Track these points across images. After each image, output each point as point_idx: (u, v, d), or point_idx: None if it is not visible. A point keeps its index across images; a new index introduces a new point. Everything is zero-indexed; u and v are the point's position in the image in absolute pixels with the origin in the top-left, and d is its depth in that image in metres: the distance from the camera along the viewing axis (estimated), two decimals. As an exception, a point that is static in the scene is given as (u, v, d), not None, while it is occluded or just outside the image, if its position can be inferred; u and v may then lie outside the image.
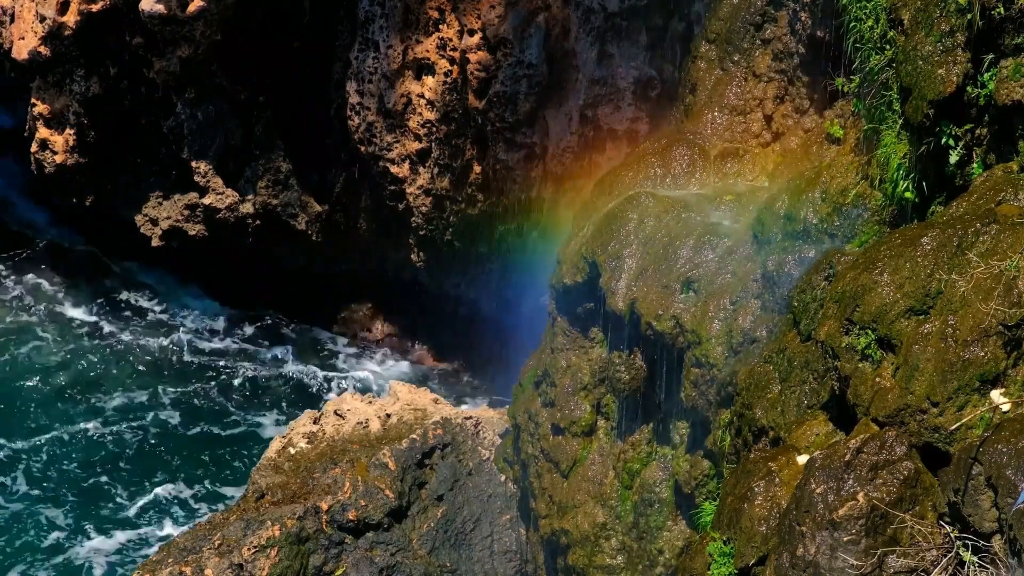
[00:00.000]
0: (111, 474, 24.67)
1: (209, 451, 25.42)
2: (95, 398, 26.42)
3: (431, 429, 20.04)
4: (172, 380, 27.11)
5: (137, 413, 26.22)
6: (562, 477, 18.28)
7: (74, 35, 25.25)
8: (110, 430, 25.70)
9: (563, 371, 18.22)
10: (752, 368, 14.18)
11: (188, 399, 26.71)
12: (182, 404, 26.58)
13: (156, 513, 23.86)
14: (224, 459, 25.20)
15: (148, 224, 27.16)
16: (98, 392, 26.60)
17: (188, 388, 26.99)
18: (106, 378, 26.95)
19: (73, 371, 27.07)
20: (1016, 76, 12.27)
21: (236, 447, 25.57)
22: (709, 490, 15.79)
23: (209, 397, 26.81)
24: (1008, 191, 12.06)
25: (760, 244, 15.92)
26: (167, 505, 24.11)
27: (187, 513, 23.87)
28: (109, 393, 26.62)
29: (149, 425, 25.95)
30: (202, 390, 26.98)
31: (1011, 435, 10.23)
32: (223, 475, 24.76)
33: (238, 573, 18.04)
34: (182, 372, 27.39)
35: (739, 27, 18.25)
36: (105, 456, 25.01)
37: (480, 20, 23.02)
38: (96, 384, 26.79)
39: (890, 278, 11.96)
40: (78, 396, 26.39)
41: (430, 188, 24.92)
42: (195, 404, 26.59)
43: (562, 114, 23.41)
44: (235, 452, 25.40)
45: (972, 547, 10.32)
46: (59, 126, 26.31)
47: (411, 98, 24.39)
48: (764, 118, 18.04)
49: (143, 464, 24.94)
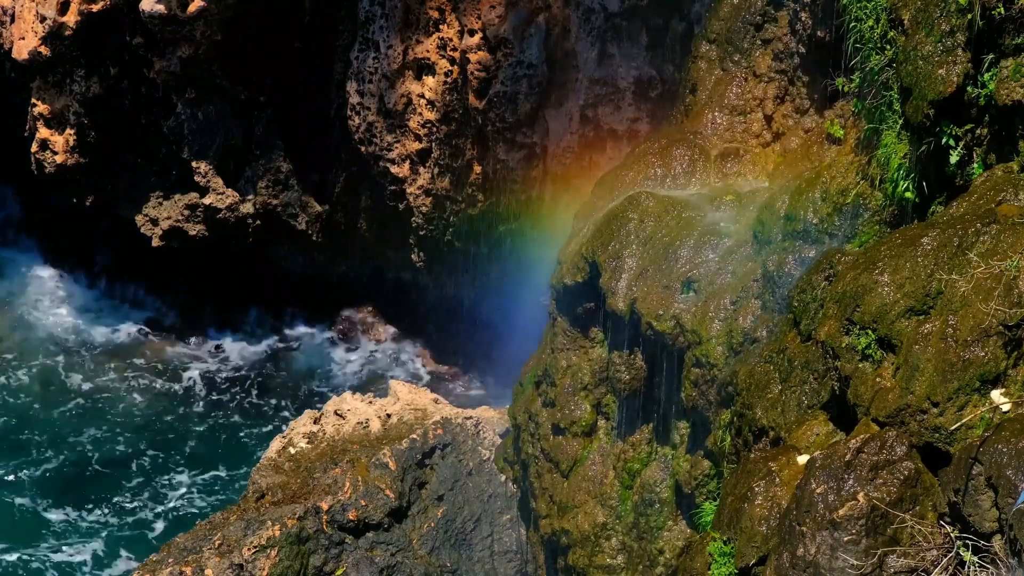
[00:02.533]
0: (111, 473, 24.68)
1: (209, 451, 25.42)
2: (95, 395, 26.44)
3: (431, 429, 20.04)
4: (171, 380, 27.11)
5: (135, 413, 26.23)
6: (562, 477, 18.28)
7: (74, 35, 25.24)
8: (107, 429, 25.72)
9: (563, 371, 18.21)
10: (752, 368, 14.17)
11: (188, 399, 26.71)
12: (182, 404, 26.58)
13: (156, 512, 23.86)
14: (224, 459, 25.20)
15: (148, 224, 27.15)
16: (99, 391, 26.63)
17: (188, 388, 26.98)
18: (106, 378, 26.98)
19: (74, 370, 27.12)
20: (1016, 76, 12.27)
21: (236, 447, 25.57)
22: (709, 490, 15.79)
23: (209, 397, 26.81)
24: (1008, 191, 12.06)
25: (760, 244, 15.92)
26: (167, 505, 24.10)
27: (187, 513, 23.87)
28: (109, 392, 26.66)
29: (147, 426, 25.95)
30: (202, 390, 26.98)
31: (1011, 435, 10.22)
32: (223, 475, 24.76)
33: (238, 573, 18.04)
34: (182, 372, 27.38)
35: (739, 27, 18.25)
36: (105, 455, 25.02)
37: (480, 20, 23.02)
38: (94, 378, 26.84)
39: (890, 278, 11.95)
40: (79, 395, 26.43)
41: (430, 188, 24.92)
42: (195, 404, 26.59)
43: (562, 114, 23.40)
44: (235, 452, 25.40)
45: (972, 547, 10.32)
46: (59, 126, 26.31)
47: (411, 98, 24.39)
48: (764, 118, 18.04)
49: (142, 464, 24.93)
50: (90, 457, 24.98)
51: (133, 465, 24.90)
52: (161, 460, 25.05)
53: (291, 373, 27.60)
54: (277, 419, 26.12)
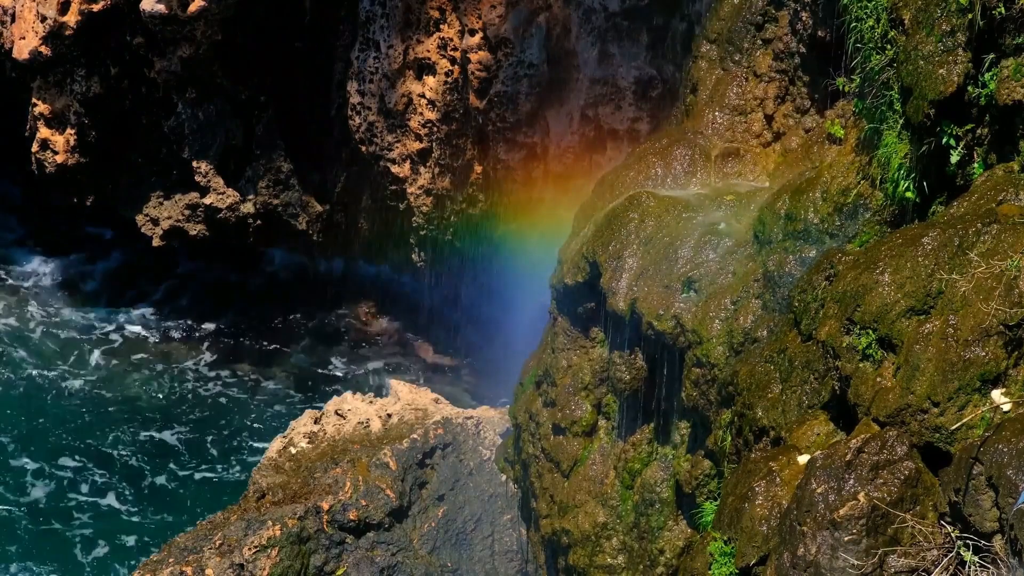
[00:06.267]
0: (110, 471, 24.68)
1: (209, 451, 25.43)
2: (94, 393, 26.45)
3: (432, 429, 20.04)
4: (171, 380, 27.12)
5: (134, 411, 26.23)
6: (563, 477, 18.28)
7: (75, 35, 25.24)
8: (106, 427, 25.73)
9: (564, 371, 18.21)
10: (753, 368, 14.17)
11: (188, 398, 26.71)
12: (181, 403, 26.59)
13: (156, 511, 23.87)
14: (224, 459, 25.21)
15: (149, 224, 27.16)
16: (99, 390, 26.63)
17: (188, 387, 27.00)
18: (106, 377, 26.98)
19: (73, 370, 27.11)
20: (1017, 76, 12.27)
21: (237, 447, 25.58)
22: (710, 490, 15.78)
23: (209, 396, 26.82)
24: (1009, 191, 12.06)
25: (761, 244, 15.91)
26: (167, 504, 24.12)
27: (187, 512, 23.88)
28: (107, 390, 26.66)
29: (147, 424, 25.96)
30: (202, 390, 26.99)
31: (1012, 435, 10.22)
32: (223, 475, 24.76)
33: (239, 573, 18.04)
34: (181, 372, 27.39)
35: (740, 27, 18.24)
36: (104, 453, 25.02)
37: (481, 20, 23.02)
38: (97, 379, 26.83)
39: (891, 278, 11.95)
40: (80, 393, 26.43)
41: (431, 188, 24.93)
42: (195, 403, 26.60)
43: (563, 114, 23.41)
44: (236, 452, 25.40)
45: (973, 547, 10.32)
46: (60, 126, 26.31)
47: (412, 98, 24.39)
48: (765, 118, 18.03)
49: (141, 463, 24.94)
50: (88, 455, 24.98)
51: (132, 463, 24.90)
52: (161, 459, 25.06)
53: (292, 373, 27.60)
54: (277, 419, 26.13)
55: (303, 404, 26.03)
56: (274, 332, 28.54)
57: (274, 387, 27.20)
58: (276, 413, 26.41)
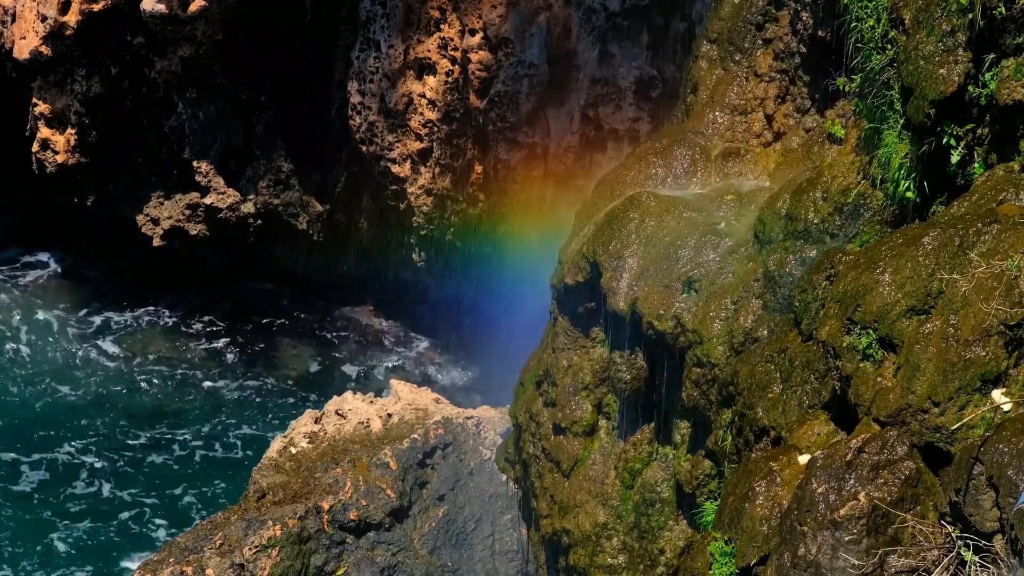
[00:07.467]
0: (110, 470, 24.69)
1: (209, 451, 25.42)
2: (93, 391, 26.45)
3: (432, 429, 20.04)
4: (170, 379, 27.11)
5: (134, 410, 26.23)
6: (563, 477, 18.27)
7: (75, 35, 25.25)
8: (105, 426, 25.73)
9: (564, 371, 18.21)
10: (753, 368, 14.17)
11: (188, 397, 26.71)
12: (181, 402, 26.59)
13: (155, 511, 23.87)
14: (224, 458, 25.21)
15: (149, 224, 27.17)
16: (98, 388, 26.63)
17: (188, 386, 27.00)
18: (106, 376, 26.97)
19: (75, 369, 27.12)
20: (1017, 76, 12.27)
21: (237, 447, 25.57)
22: (710, 490, 15.77)
23: (209, 396, 26.82)
24: (1009, 191, 12.05)
25: (761, 244, 15.91)
26: (167, 504, 24.11)
27: (187, 512, 23.87)
28: (106, 389, 26.66)
29: (146, 423, 25.96)
30: (202, 389, 26.99)
31: (1012, 435, 10.22)
32: (223, 475, 24.76)
33: (239, 573, 18.04)
34: (181, 371, 27.38)
35: (740, 27, 18.24)
36: (103, 451, 25.02)
37: (481, 20, 23.03)
38: (101, 383, 26.83)
39: (891, 278, 11.95)
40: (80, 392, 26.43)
41: (431, 188, 24.93)
42: (195, 402, 26.60)
43: (563, 114, 23.41)
44: (236, 452, 25.40)
45: (973, 547, 10.31)
46: (60, 126, 26.32)
47: (412, 98, 24.39)
48: (765, 118, 18.03)
49: (141, 461, 24.94)
50: (86, 452, 24.97)
51: (131, 462, 24.90)
52: (161, 458, 25.06)
53: (292, 372, 27.60)
54: (278, 419, 26.13)
55: (303, 404, 26.03)
56: (274, 332, 28.53)
57: (274, 387, 27.19)
58: (276, 413, 26.41)
